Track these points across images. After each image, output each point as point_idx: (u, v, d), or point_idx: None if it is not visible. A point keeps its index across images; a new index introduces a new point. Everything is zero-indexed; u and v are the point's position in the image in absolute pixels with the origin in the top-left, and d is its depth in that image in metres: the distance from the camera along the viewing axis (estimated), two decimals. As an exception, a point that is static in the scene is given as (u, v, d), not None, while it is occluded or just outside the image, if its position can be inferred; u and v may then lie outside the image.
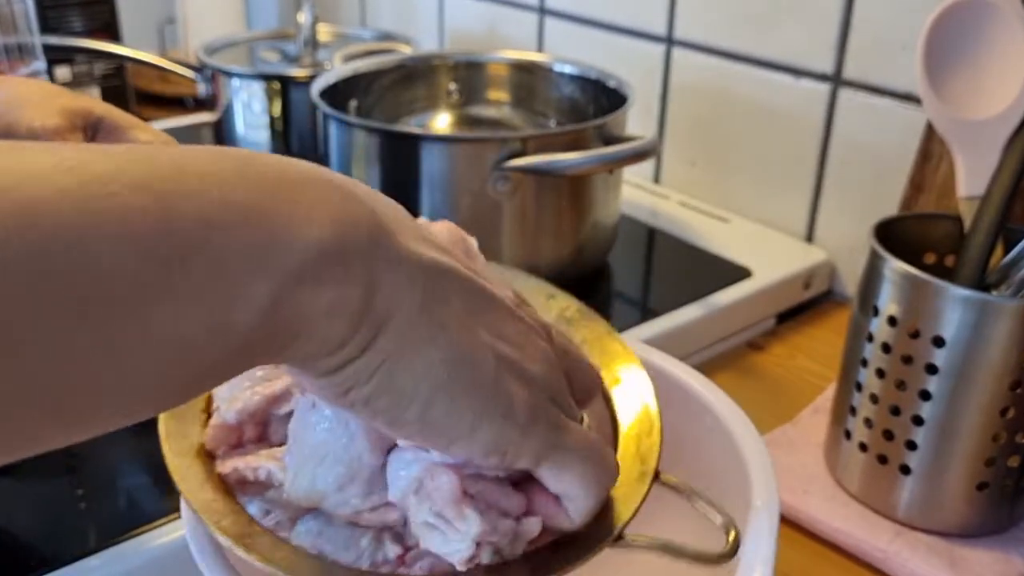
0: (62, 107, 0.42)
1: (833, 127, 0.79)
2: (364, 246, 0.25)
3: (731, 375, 0.71)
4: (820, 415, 0.62)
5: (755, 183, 0.87)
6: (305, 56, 1.02)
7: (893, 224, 0.55)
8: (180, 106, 1.18)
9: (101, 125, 0.43)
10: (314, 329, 0.25)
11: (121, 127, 0.44)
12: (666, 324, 0.69)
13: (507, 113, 0.89)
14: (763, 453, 0.38)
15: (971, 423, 0.50)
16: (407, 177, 0.69)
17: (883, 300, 0.52)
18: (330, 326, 0.25)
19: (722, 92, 0.87)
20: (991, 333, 0.48)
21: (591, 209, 0.73)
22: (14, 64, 0.81)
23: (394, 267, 0.26)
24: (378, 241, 0.26)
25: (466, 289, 0.28)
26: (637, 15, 0.92)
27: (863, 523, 0.54)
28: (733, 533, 0.32)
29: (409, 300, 0.26)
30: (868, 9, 0.74)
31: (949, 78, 0.55)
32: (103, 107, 0.44)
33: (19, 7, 0.80)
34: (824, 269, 0.80)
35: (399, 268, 0.26)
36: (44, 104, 0.42)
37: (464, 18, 1.12)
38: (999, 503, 0.53)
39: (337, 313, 0.25)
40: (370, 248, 0.25)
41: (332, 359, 0.26)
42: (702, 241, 0.82)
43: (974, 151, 0.55)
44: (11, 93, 0.43)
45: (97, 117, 0.43)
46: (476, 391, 0.28)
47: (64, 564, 0.46)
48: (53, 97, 0.43)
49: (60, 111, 0.42)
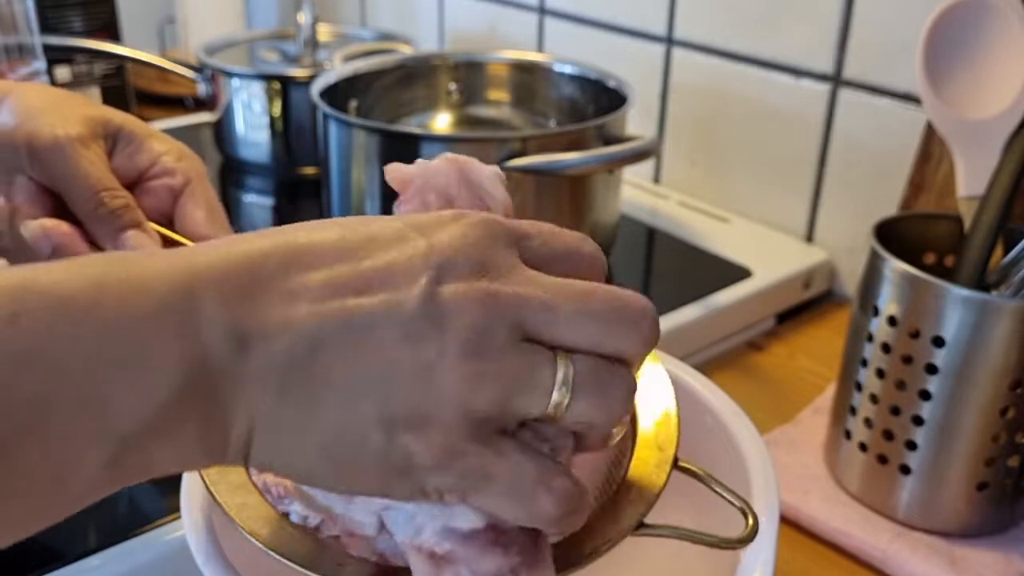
0: (84, 116, 0.42)
1: (833, 127, 0.79)
2: (205, 382, 0.25)
3: (731, 375, 0.71)
4: (820, 415, 0.62)
5: (755, 183, 0.87)
6: (305, 56, 1.02)
7: (893, 224, 0.55)
8: (180, 106, 1.18)
9: (120, 135, 0.44)
10: (168, 467, 0.26)
11: (139, 137, 0.44)
12: (666, 324, 0.69)
13: (507, 113, 0.89)
14: (763, 453, 0.38)
15: (971, 423, 0.50)
16: (407, 177, 0.69)
17: (883, 300, 0.52)
18: (190, 458, 0.26)
19: (722, 92, 0.87)
20: (991, 333, 0.48)
21: (591, 209, 0.73)
22: (14, 64, 0.81)
23: (244, 384, 0.25)
24: (222, 367, 0.25)
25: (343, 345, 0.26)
26: (637, 15, 0.92)
27: (863, 523, 0.54)
28: (752, 518, 0.32)
29: (267, 407, 0.26)
30: (868, 9, 0.74)
31: (949, 78, 0.55)
32: (122, 116, 0.44)
33: (19, 7, 0.80)
34: (824, 269, 0.80)
35: (250, 382, 0.25)
36: (65, 111, 0.42)
37: (464, 18, 1.12)
38: (999, 503, 0.53)
39: (190, 450, 0.25)
40: (213, 378, 0.25)
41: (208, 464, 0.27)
42: (702, 241, 0.82)
43: (974, 151, 0.55)
44: (30, 100, 0.42)
45: (116, 126, 0.43)
46: (364, 466, 0.26)
47: (64, 564, 0.46)
48: (73, 105, 0.43)
49: (82, 120, 0.42)
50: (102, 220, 0.40)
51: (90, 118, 0.42)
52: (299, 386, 0.26)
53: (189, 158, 0.45)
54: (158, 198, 0.44)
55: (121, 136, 0.44)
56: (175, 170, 0.44)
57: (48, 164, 0.41)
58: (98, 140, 0.42)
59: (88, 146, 0.41)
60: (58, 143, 0.40)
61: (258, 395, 0.26)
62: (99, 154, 0.42)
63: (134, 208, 0.41)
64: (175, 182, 0.44)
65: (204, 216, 0.43)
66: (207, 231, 0.43)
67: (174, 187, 0.44)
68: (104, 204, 0.40)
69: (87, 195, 0.41)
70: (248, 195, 0.96)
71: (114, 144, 0.43)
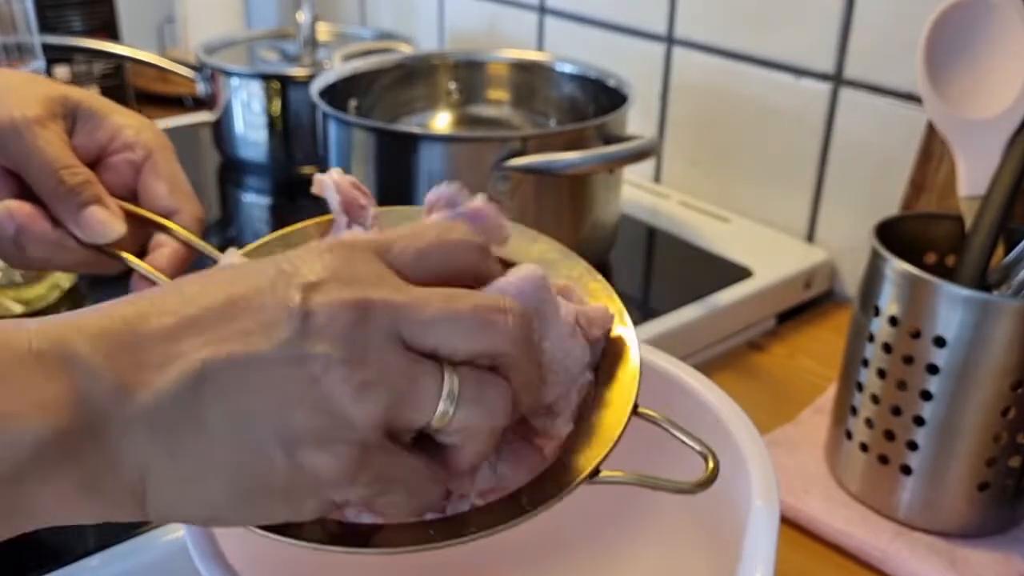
0: (42, 96, 0.42)
1: (834, 127, 0.79)
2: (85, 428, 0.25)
3: (731, 375, 0.71)
4: (821, 415, 0.62)
5: (756, 183, 0.87)
6: (305, 55, 1.02)
7: (894, 224, 0.55)
8: (180, 106, 1.18)
9: (80, 112, 0.43)
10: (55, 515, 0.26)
11: (99, 113, 0.43)
12: (666, 324, 0.69)
13: (507, 112, 0.89)
14: (763, 453, 0.38)
15: (972, 423, 0.50)
16: (407, 177, 0.69)
17: (884, 300, 0.52)
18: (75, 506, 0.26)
19: (723, 91, 0.87)
20: (992, 333, 0.48)
21: (591, 209, 0.73)
22: (13, 63, 0.81)
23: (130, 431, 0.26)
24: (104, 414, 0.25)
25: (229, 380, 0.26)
26: (637, 14, 0.92)
27: (864, 523, 0.54)
28: (712, 462, 0.32)
29: (159, 452, 0.26)
30: (869, 9, 0.74)
31: (950, 78, 0.55)
32: (81, 94, 0.44)
33: (18, 6, 0.80)
34: (825, 269, 0.80)
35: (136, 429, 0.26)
36: (23, 93, 0.41)
37: (464, 17, 1.12)
38: (1000, 503, 0.53)
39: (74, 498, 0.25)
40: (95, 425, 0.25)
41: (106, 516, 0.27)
42: (702, 241, 0.82)
43: (975, 151, 0.55)
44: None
45: (75, 104, 0.43)
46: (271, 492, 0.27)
47: (64, 564, 0.46)
48: (32, 85, 0.42)
49: (40, 100, 0.41)
50: (62, 198, 0.40)
51: (49, 98, 0.42)
52: (190, 426, 0.26)
53: (150, 131, 0.44)
54: (119, 173, 0.43)
55: (80, 113, 0.43)
56: (135, 143, 0.43)
57: (7, 147, 0.40)
58: (57, 120, 0.42)
59: (46, 126, 0.41)
60: (15, 125, 0.40)
61: (147, 441, 0.26)
62: (58, 133, 0.41)
63: (94, 184, 0.41)
64: (135, 156, 0.43)
65: (166, 189, 0.43)
66: (170, 203, 0.43)
67: (135, 161, 0.43)
68: (64, 182, 0.40)
69: (46, 174, 0.40)
70: (247, 195, 0.96)
71: (74, 122, 0.43)
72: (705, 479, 0.31)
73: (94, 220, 0.40)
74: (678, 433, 0.33)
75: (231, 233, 0.87)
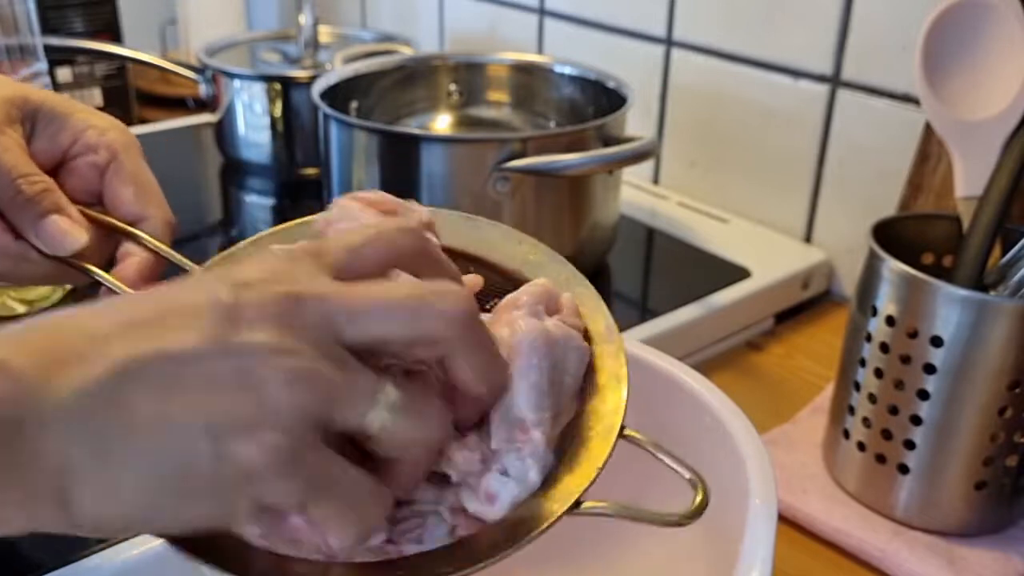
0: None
1: (832, 128, 0.79)
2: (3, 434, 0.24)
3: (730, 375, 0.71)
4: (819, 415, 0.62)
5: (754, 184, 0.87)
6: (306, 57, 1.02)
7: (891, 224, 0.56)
8: (181, 107, 1.18)
9: (40, 115, 0.41)
10: None
11: (61, 115, 0.41)
12: (665, 324, 0.69)
13: (507, 114, 0.89)
14: (762, 453, 0.38)
15: (969, 423, 0.50)
16: (407, 178, 0.70)
17: (881, 300, 0.52)
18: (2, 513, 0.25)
19: (721, 93, 0.87)
20: (989, 333, 0.48)
21: (591, 210, 0.73)
22: (15, 65, 0.82)
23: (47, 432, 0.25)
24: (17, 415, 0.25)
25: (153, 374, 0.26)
26: (637, 16, 0.92)
27: (861, 522, 0.54)
28: (701, 492, 0.29)
29: (80, 452, 0.25)
30: (867, 10, 0.74)
31: (948, 79, 0.56)
32: (41, 95, 0.41)
33: (20, 8, 0.80)
34: (822, 269, 0.81)
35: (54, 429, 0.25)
36: None
37: (464, 19, 1.13)
38: (997, 503, 0.53)
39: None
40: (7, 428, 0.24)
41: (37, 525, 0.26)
42: (701, 241, 0.82)
43: (972, 151, 0.55)
44: None
45: (35, 106, 0.41)
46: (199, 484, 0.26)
47: (63, 564, 0.46)
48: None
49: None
50: (21, 208, 0.38)
51: (6, 100, 0.40)
52: (115, 422, 0.25)
53: (116, 130, 0.42)
54: (83, 178, 0.41)
55: (41, 116, 0.41)
56: (97, 145, 0.41)
57: None
58: (14, 124, 0.40)
59: (3, 132, 0.39)
60: None
61: (66, 437, 0.25)
62: (15, 139, 0.39)
63: (53, 192, 0.39)
64: (99, 158, 0.41)
65: (132, 193, 0.41)
66: (137, 209, 0.41)
67: (98, 164, 0.41)
68: (21, 192, 0.38)
69: (3, 184, 0.38)
70: (249, 196, 0.97)
71: (33, 125, 0.41)
72: (693, 510, 0.29)
73: (55, 230, 0.39)
74: (665, 458, 0.31)
75: (233, 234, 0.87)
